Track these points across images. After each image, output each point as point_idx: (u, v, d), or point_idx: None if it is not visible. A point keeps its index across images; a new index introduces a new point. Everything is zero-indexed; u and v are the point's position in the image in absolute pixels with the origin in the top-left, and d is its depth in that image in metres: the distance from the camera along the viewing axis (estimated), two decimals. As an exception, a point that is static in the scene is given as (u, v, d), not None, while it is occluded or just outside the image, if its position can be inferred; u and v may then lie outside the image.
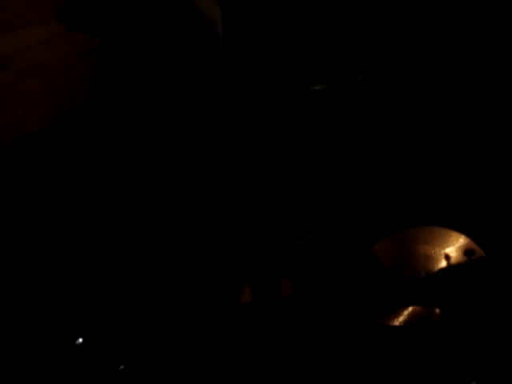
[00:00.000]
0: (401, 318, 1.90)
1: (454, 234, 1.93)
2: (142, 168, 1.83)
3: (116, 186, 1.80)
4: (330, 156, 2.05)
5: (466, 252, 1.90)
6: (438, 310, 1.88)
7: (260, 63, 2.04)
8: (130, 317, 1.75)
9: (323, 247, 2.02)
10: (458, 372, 1.76)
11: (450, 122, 2.12)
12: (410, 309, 1.91)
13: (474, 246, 1.90)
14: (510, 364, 1.73)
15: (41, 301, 1.68)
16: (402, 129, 2.12)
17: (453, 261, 1.89)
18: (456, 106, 2.10)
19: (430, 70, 2.10)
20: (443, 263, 1.90)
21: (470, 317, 1.81)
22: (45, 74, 1.62)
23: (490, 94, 2.08)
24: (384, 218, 2.06)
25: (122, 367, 1.62)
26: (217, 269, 1.91)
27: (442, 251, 1.92)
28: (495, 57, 2.07)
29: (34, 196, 1.70)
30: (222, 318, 1.84)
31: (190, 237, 1.92)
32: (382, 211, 2.09)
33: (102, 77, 1.65)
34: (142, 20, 1.65)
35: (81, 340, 1.61)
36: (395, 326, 1.89)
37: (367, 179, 2.12)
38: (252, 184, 2.00)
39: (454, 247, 1.92)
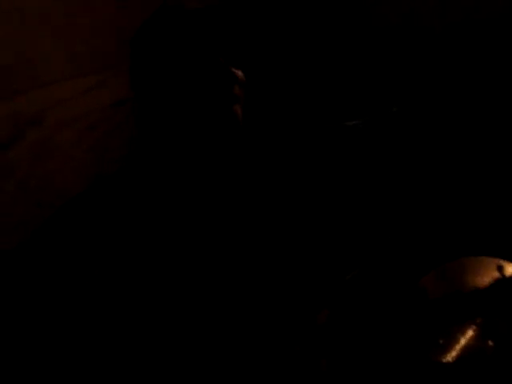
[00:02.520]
0: (453, 353, 1.81)
1: (504, 264, 1.85)
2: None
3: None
4: (373, 187, 2.04)
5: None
6: (491, 342, 1.78)
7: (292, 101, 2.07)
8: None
9: (370, 281, 1.98)
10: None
11: (497, 153, 2.07)
12: (463, 342, 1.81)
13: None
14: None
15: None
16: (442, 161, 2.09)
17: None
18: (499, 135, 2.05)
19: (467, 102, 2.07)
20: (493, 294, 1.81)
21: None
22: (78, 127, 1.73)
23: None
24: (432, 249, 2.01)
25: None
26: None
27: (492, 282, 1.83)
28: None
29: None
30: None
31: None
32: (431, 243, 2.04)
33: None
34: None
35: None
36: (448, 363, 1.80)
37: (413, 211, 2.08)
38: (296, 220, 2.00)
39: (504, 277, 1.83)
